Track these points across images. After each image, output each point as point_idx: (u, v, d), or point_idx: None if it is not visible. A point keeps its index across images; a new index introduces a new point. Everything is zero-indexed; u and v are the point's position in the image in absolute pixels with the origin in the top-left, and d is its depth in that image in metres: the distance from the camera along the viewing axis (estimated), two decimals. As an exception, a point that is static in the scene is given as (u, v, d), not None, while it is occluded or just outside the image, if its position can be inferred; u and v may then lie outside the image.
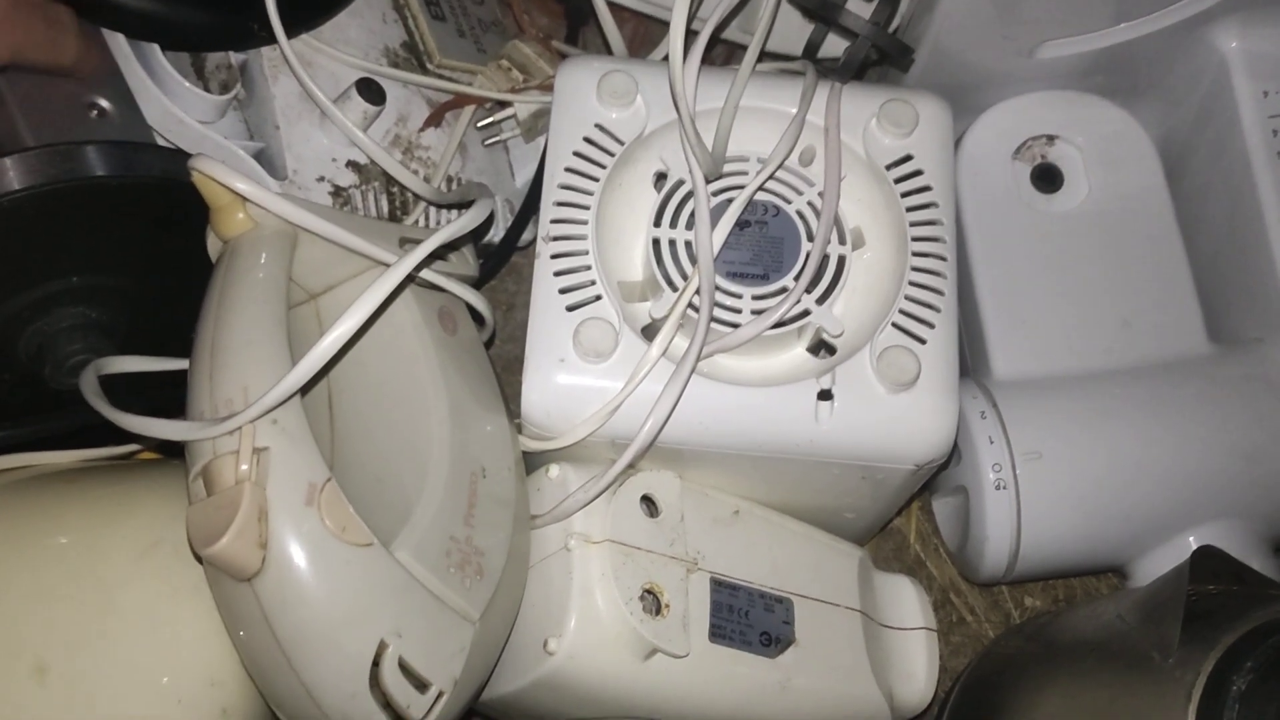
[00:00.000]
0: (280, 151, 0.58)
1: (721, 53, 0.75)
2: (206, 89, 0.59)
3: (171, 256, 0.49)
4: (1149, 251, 0.66)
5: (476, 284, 0.65)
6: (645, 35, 0.76)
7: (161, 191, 0.46)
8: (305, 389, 0.41)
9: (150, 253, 0.50)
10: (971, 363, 0.66)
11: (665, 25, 0.71)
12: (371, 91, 0.58)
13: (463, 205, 0.59)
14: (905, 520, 0.70)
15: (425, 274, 0.51)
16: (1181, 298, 0.65)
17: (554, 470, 0.53)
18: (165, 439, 0.41)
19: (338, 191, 0.58)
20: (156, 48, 0.55)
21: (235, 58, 0.59)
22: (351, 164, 0.59)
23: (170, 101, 0.55)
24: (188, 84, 0.56)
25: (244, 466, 0.39)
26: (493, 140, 0.64)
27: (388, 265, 0.48)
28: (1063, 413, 0.62)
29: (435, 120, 0.60)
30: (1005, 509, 0.61)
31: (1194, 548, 0.62)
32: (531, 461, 0.54)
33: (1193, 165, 0.68)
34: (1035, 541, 0.61)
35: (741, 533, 0.55)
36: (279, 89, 0.58)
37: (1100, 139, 0.67)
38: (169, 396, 0.47)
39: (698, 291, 0.51)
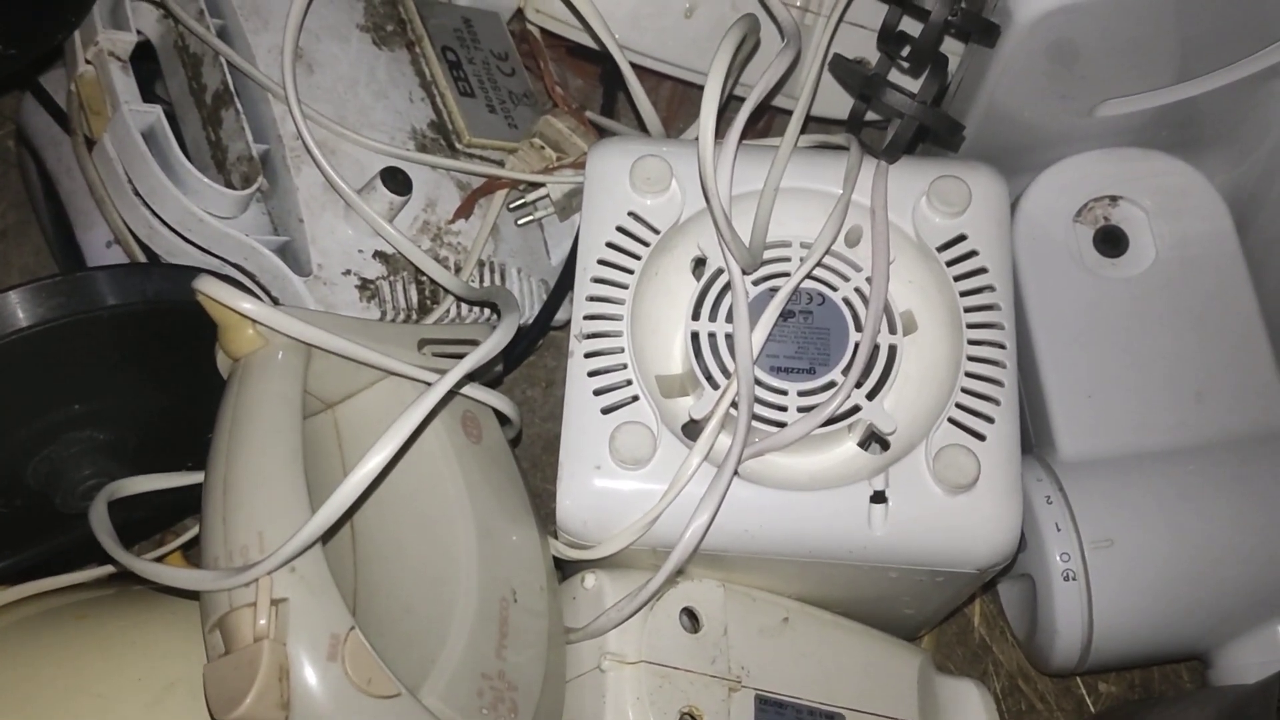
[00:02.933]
0: (305, 245, 0.56)
1: (759, 115, 0.72)
2: (228, 183, 0.57)
3: (179, 370, 0.47)
4: (1222, 318, 0.61)
5: (507, 368, 0.63)
6: (684, 95, 0.74)
7: (167, 313, 0.44)
8: (326, 536, 0.39)
9: (157, 369, 0.48)
10: (1035, 440, 0.62)
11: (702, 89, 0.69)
12: (397, 181, 0.56)
13: (490, 305, 0.57)
14: (969, 602, 0.67)
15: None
16: (1259, 366, 0.61)
17: (589, 580, 0.50)
18: (179, 587, 0.39)
19: (365, 284, 0.56)
20: (175, 144, 0.54)
21: (257, 148, 0.57)
22: (379, 254, 0.57)
23: (189, 200, 0.53)
24: (206, 180, 0.54)
25: (262, 621, 0.37)
26: (526, 220, 0.62)
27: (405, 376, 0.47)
28: (1135, 496, 0.58)
29: (465, 211, 0.58)
30: (1075, 601, 0.57)
31: (1282, 638, 0.58)
32: (567, 569, 0.52)
33: (1260, 220, 0.64)
34: (1108, 634, 0.57)
35: (790, 642, 0.52)
36: (302, 180, 0.56)
37: (1167, 198, 0.63)
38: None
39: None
